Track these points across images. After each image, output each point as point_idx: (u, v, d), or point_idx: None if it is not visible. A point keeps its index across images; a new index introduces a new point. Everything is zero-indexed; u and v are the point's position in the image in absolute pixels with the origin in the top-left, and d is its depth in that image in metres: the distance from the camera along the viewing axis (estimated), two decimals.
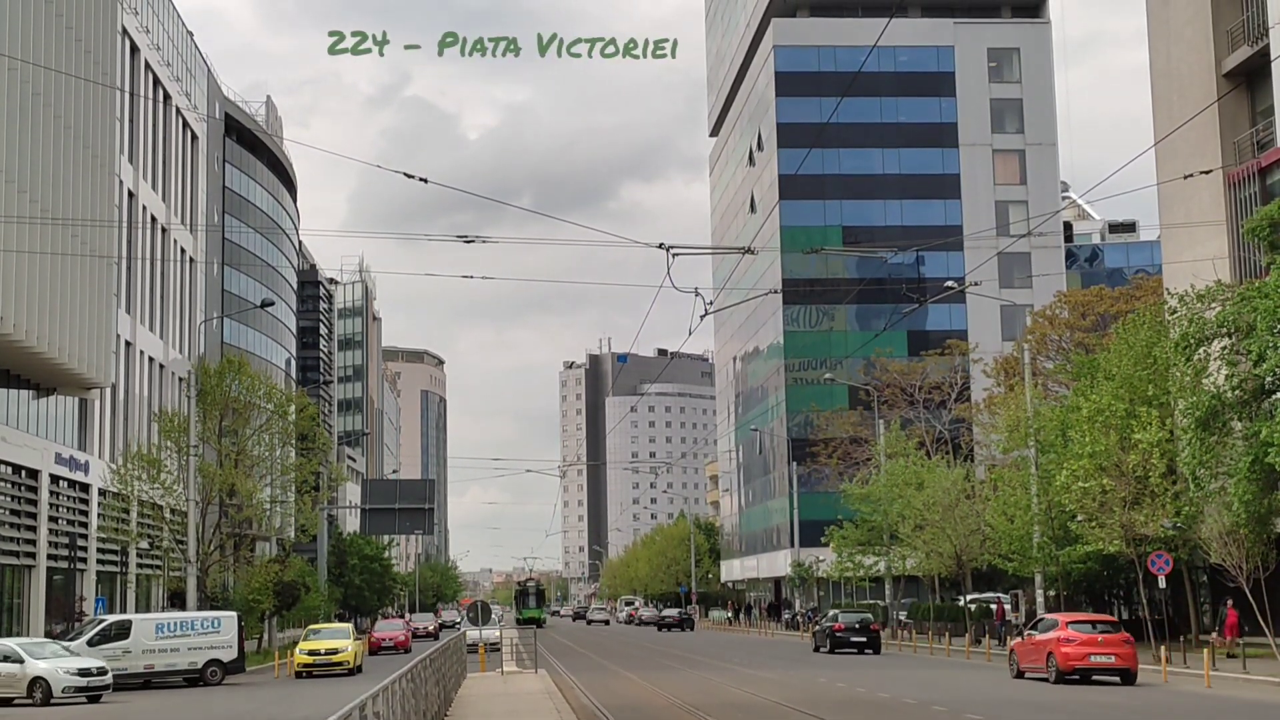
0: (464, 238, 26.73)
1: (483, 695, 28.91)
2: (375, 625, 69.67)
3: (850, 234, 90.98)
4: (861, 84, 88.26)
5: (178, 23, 69.03)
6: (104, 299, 49.91)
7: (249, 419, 54.24)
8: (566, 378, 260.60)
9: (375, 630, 63.07)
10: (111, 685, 33.83)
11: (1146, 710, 25.16)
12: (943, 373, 79.38)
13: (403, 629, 61.95)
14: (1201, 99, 44.32)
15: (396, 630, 60.93)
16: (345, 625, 48.79)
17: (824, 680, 33.68)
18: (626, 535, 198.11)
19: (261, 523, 60.85)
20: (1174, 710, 25.09)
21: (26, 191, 41.41)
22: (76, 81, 45.10)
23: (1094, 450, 38.74)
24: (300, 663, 41.32)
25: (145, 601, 59.93)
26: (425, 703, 20.12)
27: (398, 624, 65.71)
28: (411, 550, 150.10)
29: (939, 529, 54.41)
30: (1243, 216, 41.57)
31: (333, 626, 47.37)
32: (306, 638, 43.50)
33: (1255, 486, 34.13)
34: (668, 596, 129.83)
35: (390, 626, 63.55)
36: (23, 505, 47.77)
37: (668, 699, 28.50)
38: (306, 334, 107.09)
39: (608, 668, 42.88)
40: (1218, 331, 35.11)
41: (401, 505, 73.90)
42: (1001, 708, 25.18)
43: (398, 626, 62.99)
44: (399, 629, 61.49)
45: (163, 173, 65.40)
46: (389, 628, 62.66)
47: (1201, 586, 45.64)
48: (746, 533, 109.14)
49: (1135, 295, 62.09)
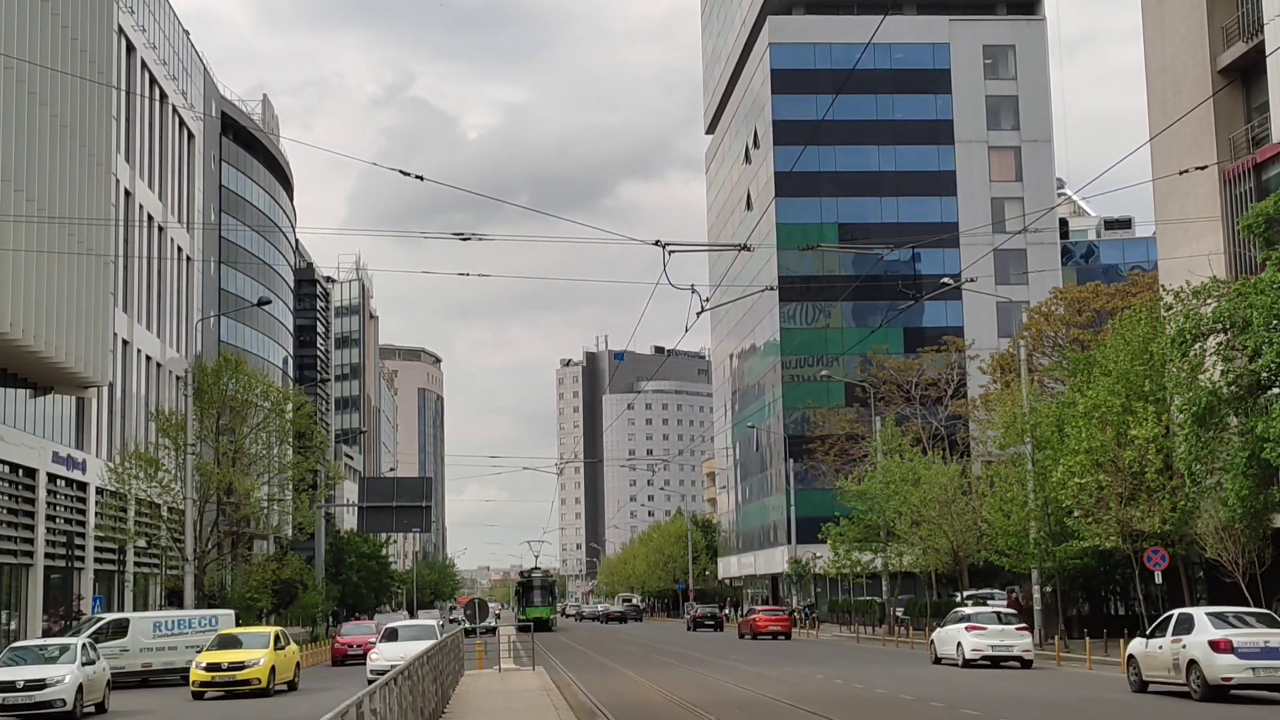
0: (460, 235, 26.71)
1: (481, 693, 28.96)
2: (341, 629, 57.21)
3: (846, 231, 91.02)
4: (857, 81, 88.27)
5: (174, 22, 69.00)
6: (101, 298, 49.88)
7: (246, 417, 54.22)
8: (563, 375, 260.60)
9: (340, 635, 53.01)
10: (66, 701, 27.32)
11: (1144, 707, 25.22)
12: (939, 369, 79.47)
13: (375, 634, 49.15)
14: (1196, 95, 44.36)
15: (367, 635, 49.09)
16: (267, 630, 36.66)
17: (821, 676, 33.75)
18: (624, 533, 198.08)
19: (259, 521, 60.84)
20: (1169, 707, 25.15)
21: (23, 190, 41.38)
22: (73, 80, 45.07)
23: (1090, 446, 38.81)
24: (197, 679, 32.00)
25: (143, 600, 59.93)
26: (423, 700, 20.16)
27: (368, 626, 53.15)
28: (409, 548, 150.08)
29: (935, 525, 54.50)
30: (1238, 212, 41.61)
31: (251, 631, 36.81)
32: (210, 646, 34.18)
33: (1251, 482, 34.22)
34: (665, 594, 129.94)
35: (359, 630, 52.30)
36: (20, 504, 47.76)
37: (666, 696, 28.56)
38: (303, 332, 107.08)
39: (606, 665, 42.93)
40: (1213, 327, 35.17)
41: (399, 503, 73.74)
42: (999, 704, 25.23)
43: (369, 630, 50.92)
44: (370, 633, 49.05)
45: (159, 171, 65.38)
46: (358, 631, 51.99)
47: (1198, 582, 45.70)
48: (743, 530, 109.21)
49: (1131, 291, 62.13)
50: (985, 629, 37.57)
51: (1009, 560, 47.95)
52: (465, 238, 26.80)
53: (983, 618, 38.56)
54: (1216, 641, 25.13)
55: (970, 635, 37.48)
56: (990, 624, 37.85)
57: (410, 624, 39.20)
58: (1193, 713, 23.51)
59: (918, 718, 23.61)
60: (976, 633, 37.44)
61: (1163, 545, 38.51)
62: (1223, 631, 25.41)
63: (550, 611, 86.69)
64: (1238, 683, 24.75)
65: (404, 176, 24.63)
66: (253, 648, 33.23)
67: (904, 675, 34.02)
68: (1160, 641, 27.07)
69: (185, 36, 71.45)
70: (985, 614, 39.32)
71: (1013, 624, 38.06)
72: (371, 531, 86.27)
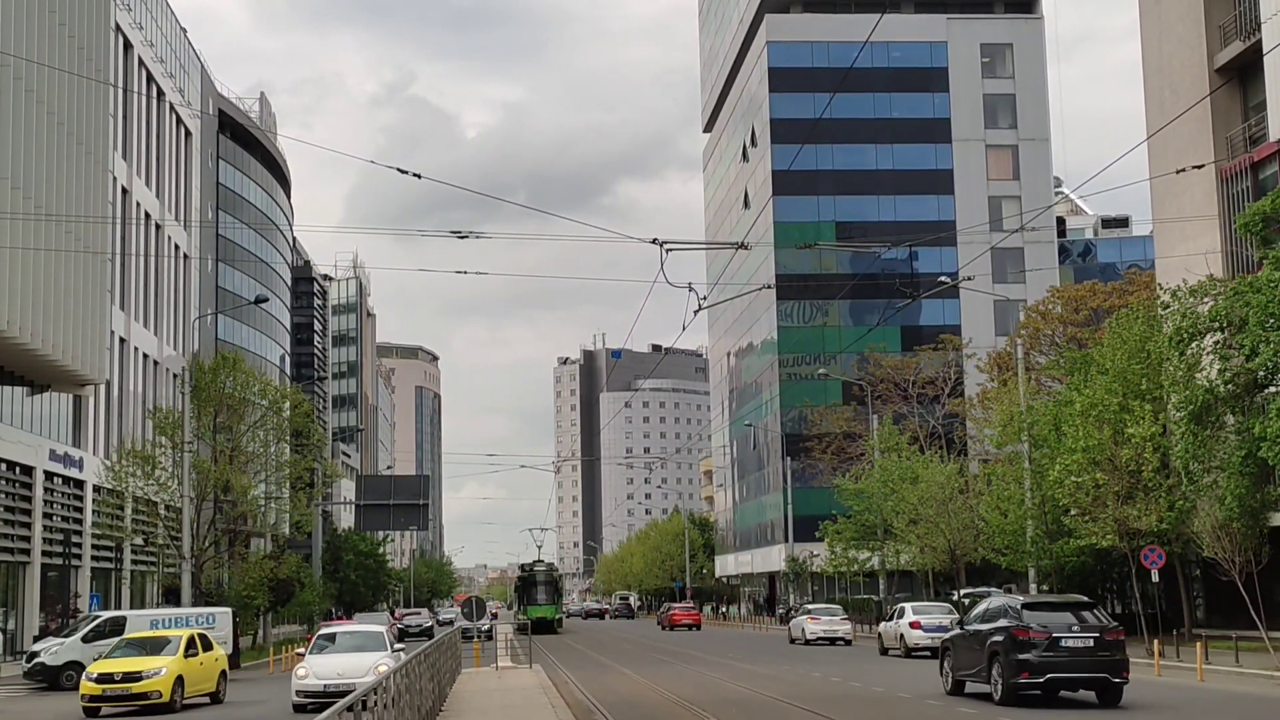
0: (458, 233, 26.69)
1: (478, 691, 28.96)
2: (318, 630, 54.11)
3: (844, 229, 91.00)
4: (855, 79, 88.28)
5: (171, 19, 68.97)
6: (98, 295, 49.87)
7: (243, 415, 54.16)
8: (561, 373, 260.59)
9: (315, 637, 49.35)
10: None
11: (1140, 704, 25.24)
12: (936, 368, 79.51)
13: (384, 626, 45.63)
14: (1194, 94, 44.40)
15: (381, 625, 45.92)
16: (179, 633, 30.24)
17: (818, 675, 33.75)
18: (621, 531, 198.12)
19: (256, 519, 60.78)
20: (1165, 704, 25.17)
21: (20, 188, 41.38)
22: (70, 77, 45.05)
23: (1087, 445, 38.84)
24: (87, 692, 27.12)
25: (140, 598, 59.95)
26: (420, 698, 20.17)
27: (381, 618, 52.69)
28: (406, 546, 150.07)
29: (933, 524, 54.53)
30: (1235, 211, 41.66)
31: (157, 636, 31.01)
32: (112, 651, 29.45)
33: (1248, 481, 34.26)
34: (662, 591, 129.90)
35: None
36: (17, 502, 47.78)
37: (663, 694, 28.56)
38: (301, 330, 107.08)
39: (603, 663, 42.93)
40: (1210, 326, 35.21)
41: (396, 501, 73.67)
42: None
43: (383, 621, 48.89)
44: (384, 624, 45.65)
45: (156, 169, 65.37)
46: (374, 621, 47.28)
47: (1195, 580, 45.75)
48: (741, 528, 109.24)
49: (1128, 290, 62.18)
50: (820, 619, 53.43)
51: (1006, 559, 47.97)
52: (463, 236, 26.76)
53: (820, 611, 55.19)
54: (913, 622, 41.36)
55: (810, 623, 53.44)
56: (825, 615, 54.09)
57: (350, 629, 31.16)
58: (901, 664, 38.59)
59: (914, 715, 23.61)
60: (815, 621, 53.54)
61: (1159, 544, 38.52)
62: (917, 616, 41.62)
63: (556, 611, 76.59)
64: (923, 646, 39.83)
65: (402, 175, 24.61)
66: (154, 656, 28.16)
67: (901, 673, 34.04)
68: (892, 623, 43.27)
69: (183, 34, 71.43)
70: (825, 607, 57.01)
71: (838, 615, 54.58)
72: (369, 529, 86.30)
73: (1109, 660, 23.59)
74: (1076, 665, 23.60)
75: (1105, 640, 23.74)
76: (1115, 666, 23.60)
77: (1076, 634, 23.66)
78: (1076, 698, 24.97)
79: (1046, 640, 23.52)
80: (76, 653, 36.56)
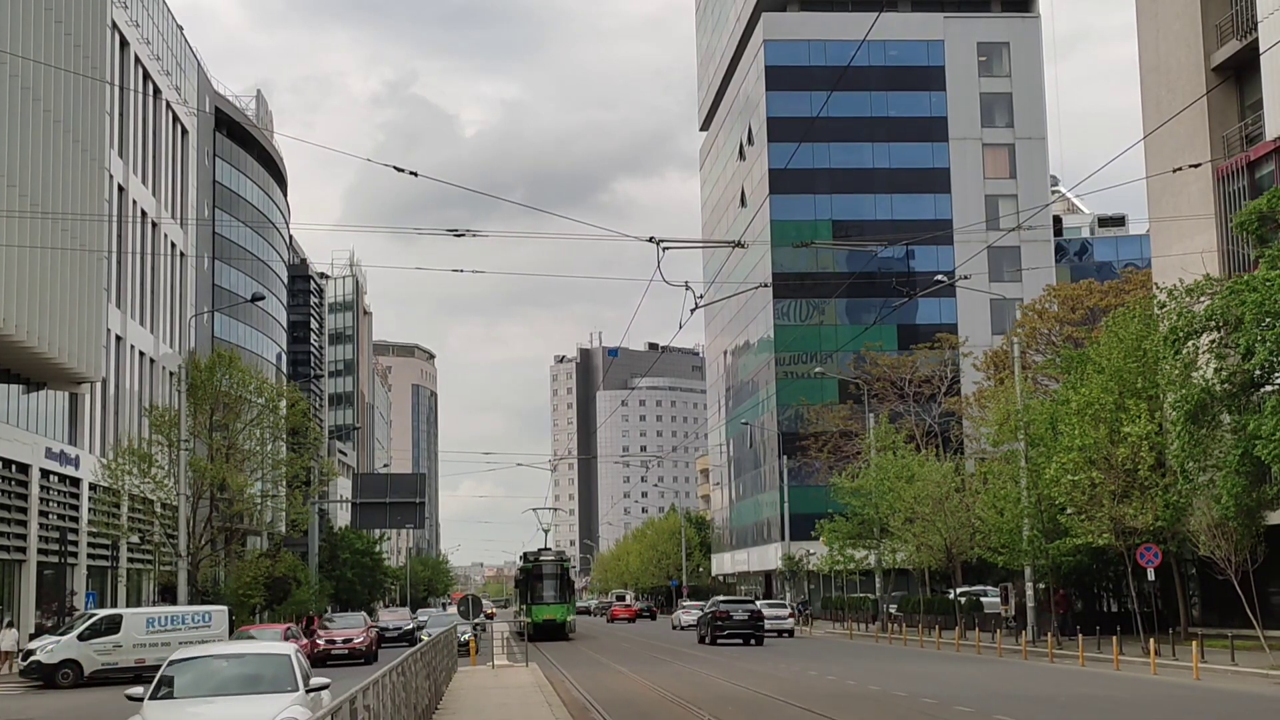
0: (454, 231, 26.67)
1: (474, 689, 28.96)
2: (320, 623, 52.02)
3: (840, 228, 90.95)
4: (851, 78, 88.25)
5: (167, 17, 68.91)
6: (94, 293, 49.85)
7: (240, 413, 54.21)
8: (557, 372, 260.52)
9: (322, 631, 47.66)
10: None
11: (1135, 703, 25.29)
12: (932, 366, 79.54)
13: (362, 629, 47.08)
14: (1190, 93, 44.43)
15: (355, 628, 46.93)
16: None
17: (814, 673, 33.79)
18: (617, 529, 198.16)
19: (252, 517, 60.84)
20: (1161, 702, 25.21)
21: (16, 186, 41.36)
22: (66, 75, 45.03)
23: (1083, 443, 38.85)
24: None
25: (136, 596, 59.92)
26: (416, 696, 20.16)
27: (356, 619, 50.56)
28: (403, 544, 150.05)
29: (929, 522, 54.54)
30: (1231, 210, 41.69)
31: None
32: None
33: (1244, 479, 34.27)
34: (659, 590, 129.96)
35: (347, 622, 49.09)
36: (13, 500, 47.75)
37: (659, 693, 28.58)
38: (297, 328, 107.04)
39: (599, 661, 42.94)
40: (1206, 325, 35.20)
41: (392, 499, 73.62)
42: (991, 700, 25.28)
43: (358, 623, 48.67)
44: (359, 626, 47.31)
45: (153, 167, 65.32)
46: (346, 624, 48.49)
47: (1190, 579, 45.78)
48: (737, 526, 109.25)
49: (1124, 289, 62.20)
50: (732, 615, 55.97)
51: (1002, 557, 47.97)
52: (459, 234, 26.76)
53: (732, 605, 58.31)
54: (685, 608, 69.77)
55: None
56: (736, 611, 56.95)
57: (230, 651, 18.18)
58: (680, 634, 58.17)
59: (910, 714, 23.63)
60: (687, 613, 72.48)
61: (1155, 542, 38.55)
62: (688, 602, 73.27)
63: (568, 611, 61.07)
64: (687, 625, 64.86)
65: (399, 173, 24.57)
66: None
67: (897, 672, 34.07)
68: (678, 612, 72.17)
69: (179, 32, 71.37)
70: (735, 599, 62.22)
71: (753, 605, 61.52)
72: (365, 528, 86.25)
73: (753, 626, 52.43)
74: (738, 627, 52.31)
75: (752, 618, 52.77)
76: (757, 630, 52.51)
77: (739, 614, 52.92)
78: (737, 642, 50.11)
79: (726, 617, 52.75)
80: (72, 650, 36.56)
